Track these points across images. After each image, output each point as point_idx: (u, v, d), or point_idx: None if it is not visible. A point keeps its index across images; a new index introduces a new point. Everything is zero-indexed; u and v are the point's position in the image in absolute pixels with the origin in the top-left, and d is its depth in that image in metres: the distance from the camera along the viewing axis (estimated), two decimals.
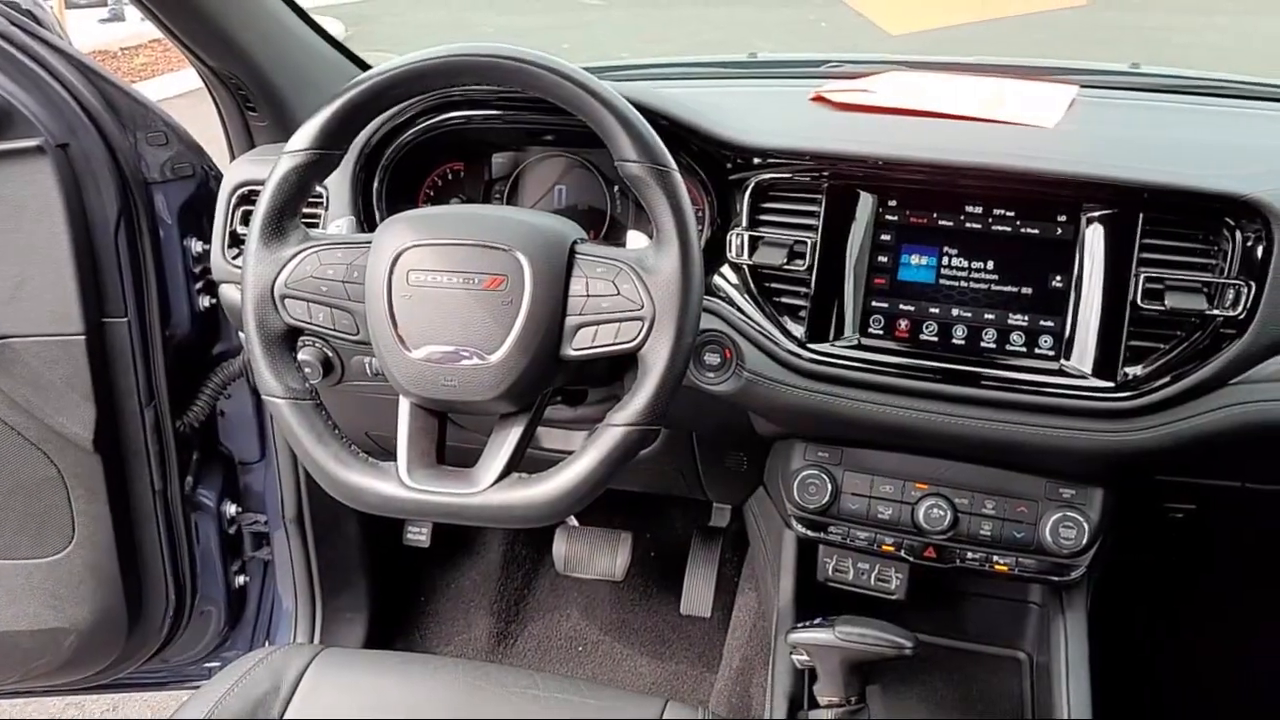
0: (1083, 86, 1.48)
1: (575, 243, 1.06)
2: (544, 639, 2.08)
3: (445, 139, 1.39)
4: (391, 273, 1.05)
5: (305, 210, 1.25)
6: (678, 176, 1.04)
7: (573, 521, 2.11)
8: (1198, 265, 1.16)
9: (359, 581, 1.96)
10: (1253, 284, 1.12)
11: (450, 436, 1.12)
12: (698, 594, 2.03)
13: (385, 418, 1.11)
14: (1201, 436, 1.15)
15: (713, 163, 1.29)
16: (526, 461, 1.07)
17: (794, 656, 1.19)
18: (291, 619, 1.88)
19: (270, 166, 1.08)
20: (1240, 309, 1.12)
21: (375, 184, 1.38)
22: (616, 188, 1.43)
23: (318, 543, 1.82)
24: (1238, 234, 1.14)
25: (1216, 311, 1.13)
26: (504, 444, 1.06)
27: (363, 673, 1.21)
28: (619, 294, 1.02)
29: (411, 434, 1.08)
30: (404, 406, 1.08)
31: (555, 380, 1.08)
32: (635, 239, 1.11)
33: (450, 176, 1.48)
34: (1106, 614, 1.40)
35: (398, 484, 1.05)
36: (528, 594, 2.15)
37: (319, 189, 1.35)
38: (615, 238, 1.42)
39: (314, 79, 1.48)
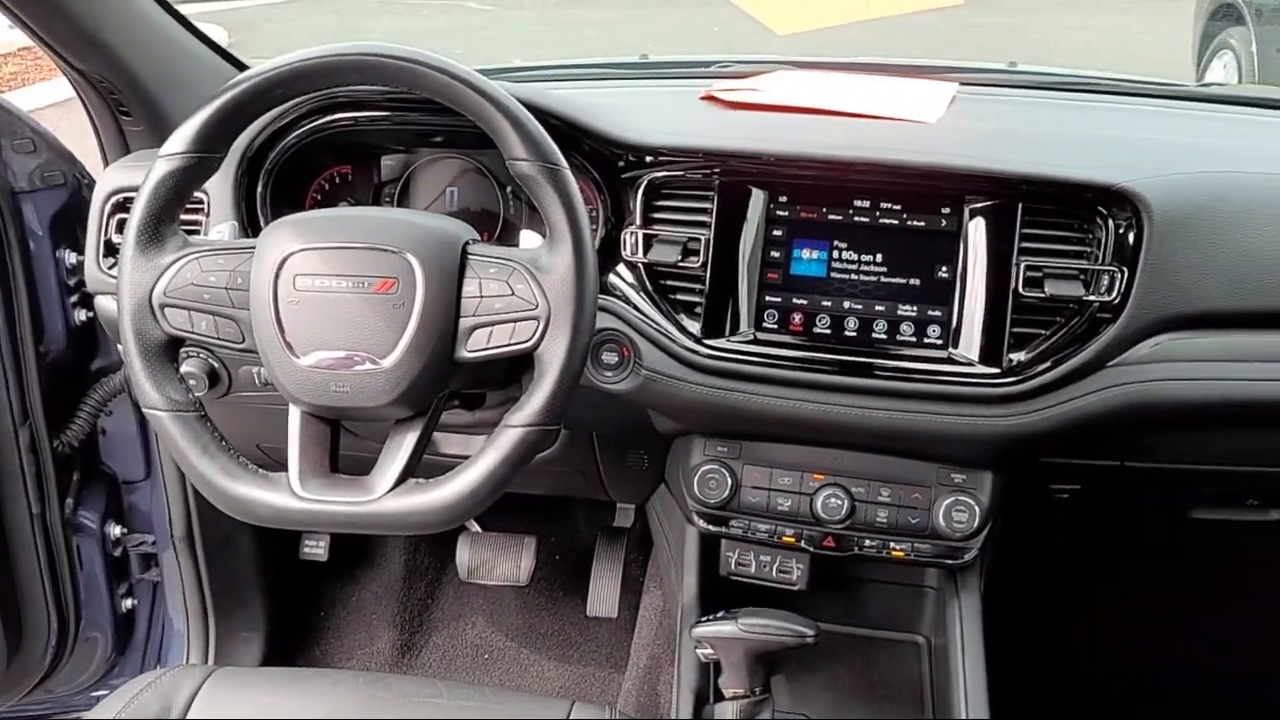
0: (962, 84, 1.52)
1: (467, 243, 1.05)
2: (449, 648, 2.05)
3: (332, 141, 1.36)
4: (277, 278, 1.02)
5: (185, 217, 1.21)
6: (569, 174, 1.04)
7: (475, 527, 2.08)
8: (1074, 253, 1.20)
9: (254, 599, 1.90)
10: (1125, 270, 1.17)
11: (344, 445, 1.10)
12: (603, 595, 2.02)
13: (277, 428, 1.08)
14: (1082, 418, 1.20)
15: (605, 162, 1.29)
16: (425, 468, 1.06)
17: (698, 651, 1.20)
18: (183, 641, 1.82)
19: (146, 172, 1.04)
20: (1114, 294, 1.17)
21: (259, 189, 1.35)
22: (509, 189, 1.42)
23: (209, 561, 1.77)
24: (1110, 222, 1.18)
25: (1092, 297, 1.17)
26: (399, 450, 1.05)
27: (259, 691, 1.17)
28: (513, 294, 1.02)
29: (303, 443, 1.05)
30: (294, 415, 1.06)
31: (451, 383, 1.07)
32: (528, 239, 1.11)
33: (338, 180, 1.45)
34: (1000, 596, 1.44)
35: (289, 495, 1.02)
36: (431, 603, 2.11)
37: (199, 194, 1.31)
38: (509, 239, 1.41)
39: (192, 83, 1.43)
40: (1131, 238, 1.17)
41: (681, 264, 1.25)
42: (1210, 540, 1.73)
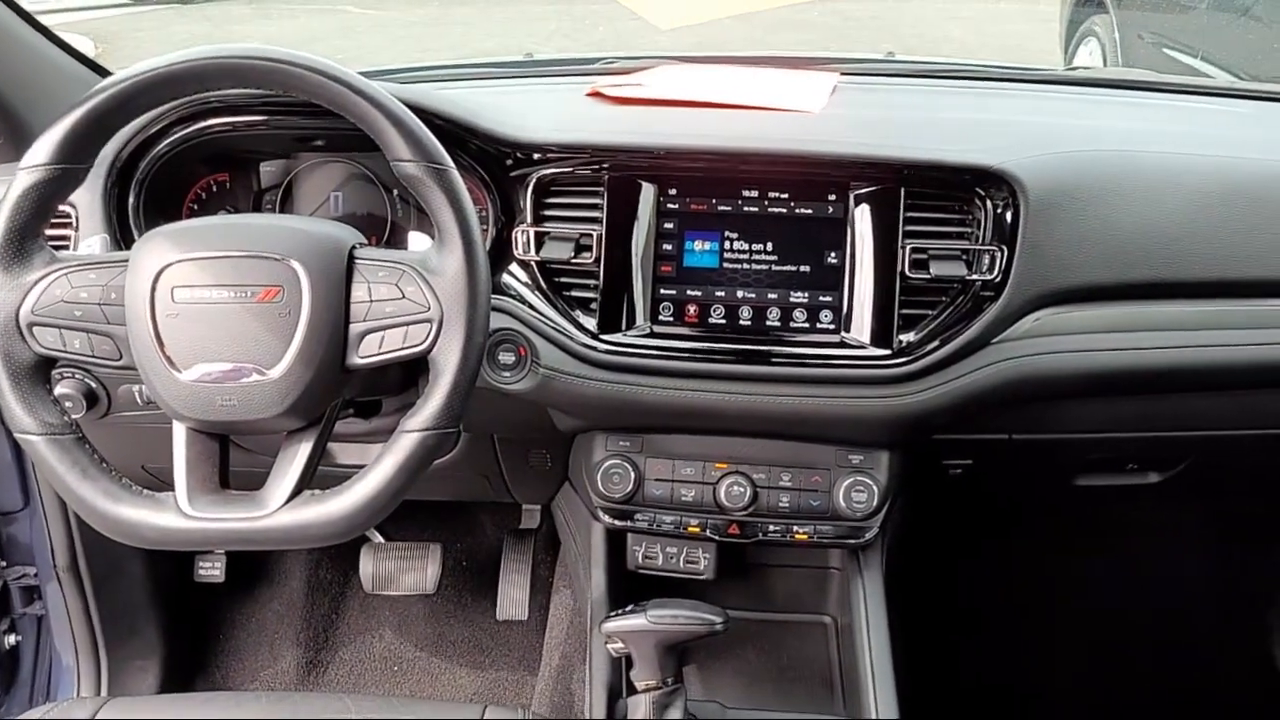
0: (842, 74, 1.55)
1: (354, 247, 1.03)
2: (357, 663, 2.01)
3: (207, 148, 1.32)
4: (154, 291, 0.98)
5: (52, 232, 1.15)
6: (455, 174, 1.02)
7: (378, 538, 2.05)
8: (956, 234, 1.23)
9: (147, 627, 1.84)
10: (1005, 248, 1.21)
11: (235, 461, 1.06)
12: (513, 598, 2.01)
13: (163, 448, 1.04)
14: (971, 394, 1.23)
15: (492, 161, 1.28)
16: (322, 479, 1.03)
17: (609, 646, 1.19)
18: (73, 675, 1.74)
19: (6, 186, 0.99)
20: (996, 273, 1.21)
21: (131, 200, 1.29)
22: (395, 192, 1.39)
23: (97, 590, 1.70)
24: (988, 203, 1.22)
25: (975, 276, 1.21)
26: (293, 461, 1.02)
27: (156, 718, 1.13)
28: (404, 297, 1.00)
29: (190, 460, 1.02)
30: (179, 432, 1.02)
31: (344, 391, 1.05)
32: (417, 240, 1.09)
33: (215, 189, 1.41)
34: (902, 573, 1.47)
35: (177, 514, 0.99)
36: (336, 618, 2.07)
37: (66, 207, 1.25)
38: (398, 243, 1.38)
39: (55, 94, 1.36)
40: (1009, 217, 1.21)
41: (574, 260, 1.24)
42: (1096, 506, 1.80)
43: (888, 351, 1.22)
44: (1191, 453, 1.50)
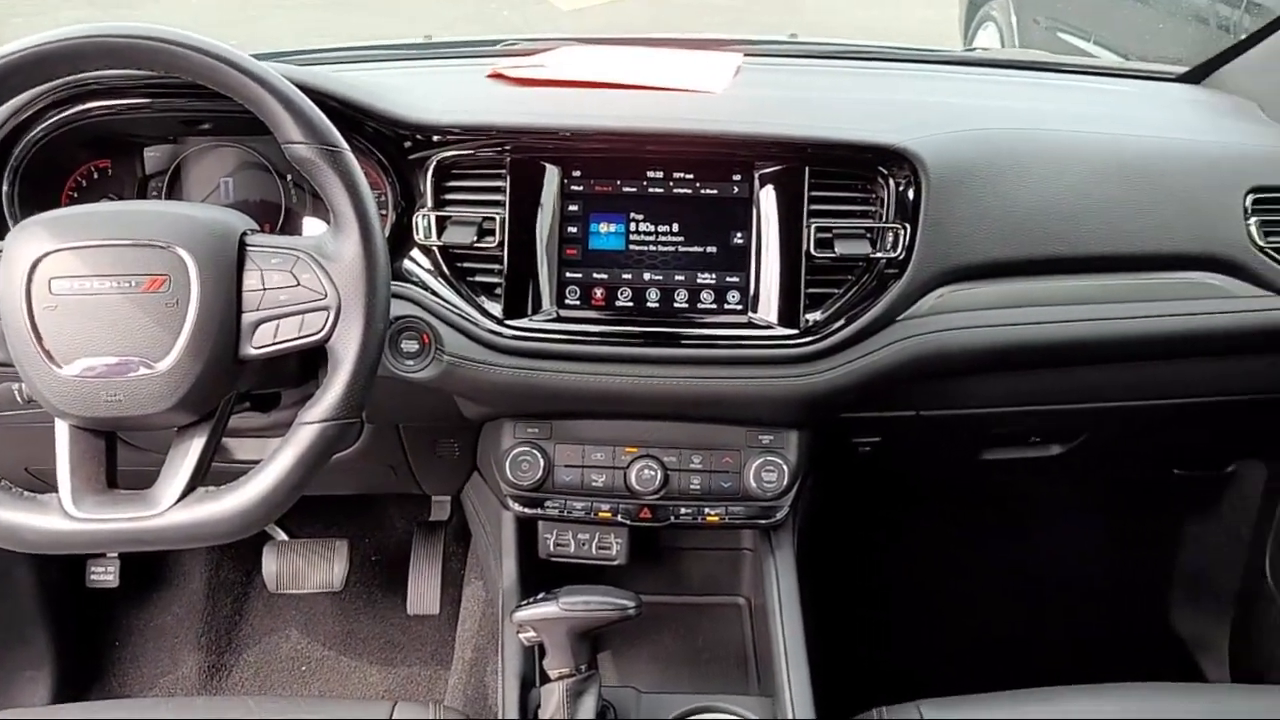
0: (746, 55, 1.55)
1: (245, 234, 1.00)
2: (263, 664, 1.96)
3: (86, 133, 1.25)
4: (29, 283, 0.94)
5: None
6: (350, 156, 0.99)
7: (281, 535, 1.99)
8: (860, 213, 1.24)
9: (36, 636, 1.76)
10: (907, 226, 1.22)
11: (124, 459, 1.02)
12: (424, 592, 1.98)
13: (48, 448, 0.99)
14: (877, 371, 1.24)
15: (390, 143, 1.25)
16: (219, 477, 0.99)
17: (521, 635, 1.18)
18: None
19: None
20: (899, 250, 1.22)
21: (5, 188, 1.23)
22: (289, 177, 1.35)
23: None
24: (891, 181, 1.23)
25: (879, 254, 1.22)
26: (185, 458, 0.98)
27: None
28: (299, 284, 0.97)
29: (74, 460, 0.97)
30: (61, 430, 0.98)
31: (238, 384, 1.01)
32: (312, 226, 1.06)
33: (96, 176, 1.34)
34: (814, 552, 1.48)
35: (61, 516, 0.94)
36: (239, 620, 2.01)
37: None
38: (292, 230, 1.34)
39: None
40: (911, 195, 1.22)
41: (478, 245, 1.22)
42: (1001, 479, 1.84)
43: (795, 331, 1.22)
44: (1090, 424, 1.54)
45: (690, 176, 1.23)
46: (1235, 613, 1.83)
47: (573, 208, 1.24)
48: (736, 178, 1.23)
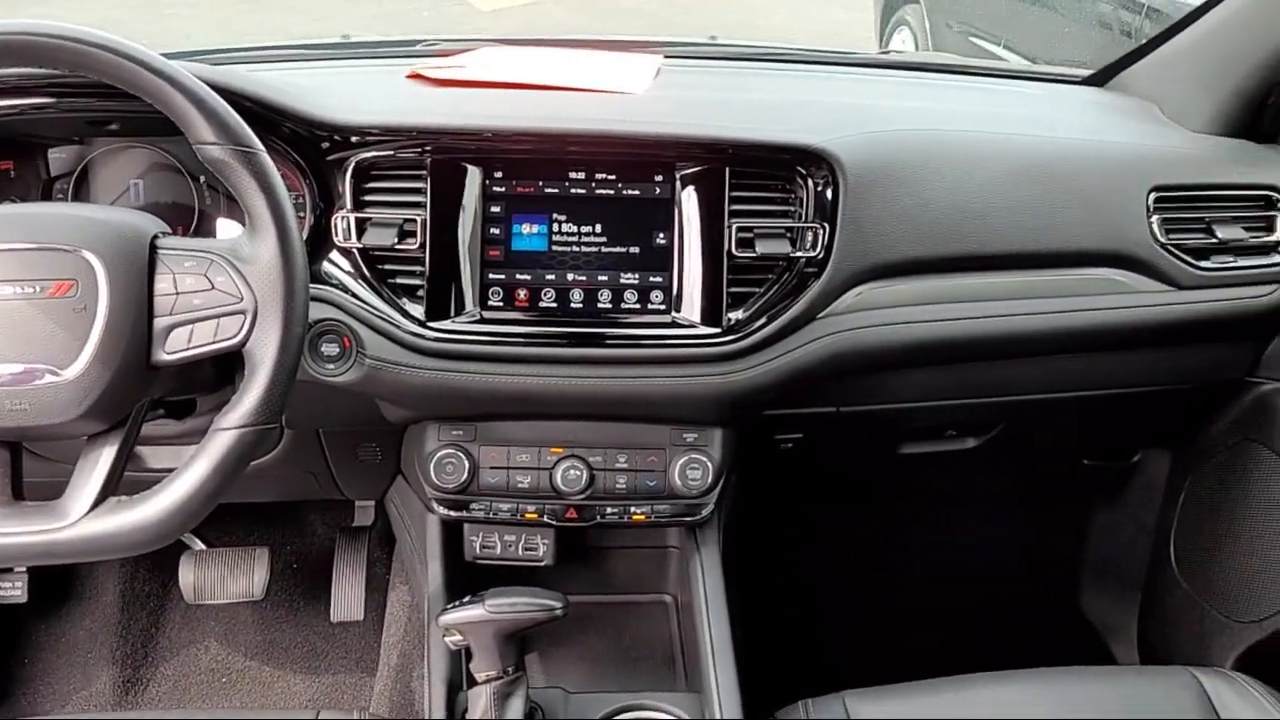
0: (666, 56, 1.56)
1: (156, 237, 0.97)
2: (181, 677, 1.91)
3: None
4: None
5: None
6: (265, 157, 0.98)
7: (198, 544, 1.94)
8: (780, 213, 1.26)
9: None
10: (826, 225, 1.24)
11: (31, 471, 0.99)
12: (348, 598, 1.95)
13: None
14: (799, 369, 1.26)
15: (307, 144, 1.23)
16: (133, 486, 0.97)
17: (447, 639, 1.17)
18: None
19: None
20: (818, 249, 1.24)
21: None
22: (203, 179, 1.32)
23: None
24: (809, 181, 1.25)
25: (799, 253, 1.23)
26: (95, 467, 0.95)
27: None
28: (213, 288, 0.95)
29: None
30: None
31: (151, 390, 0.99)
32: (226, 228, 1.03)
33: None
34: (739, 549, 1.50)
35: None
36: (156, 632, 1.96)
37: None
38: (206, 233, 1.31)
39: None
40: (830, 195, 1.24)
41: (399, 247, 1.21)
42: (920, 474, 1.88)
43: (717, 330, 1.23)
44: (1004, 417, 1.58)
45: (612, 177, 1.24)
46: (1143, 597, 1.89)
47: (495, 209, 1.23)
48: (658, 178, 1.24)
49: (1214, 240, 1.40)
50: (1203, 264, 1.39)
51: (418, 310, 1.22)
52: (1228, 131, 1.50)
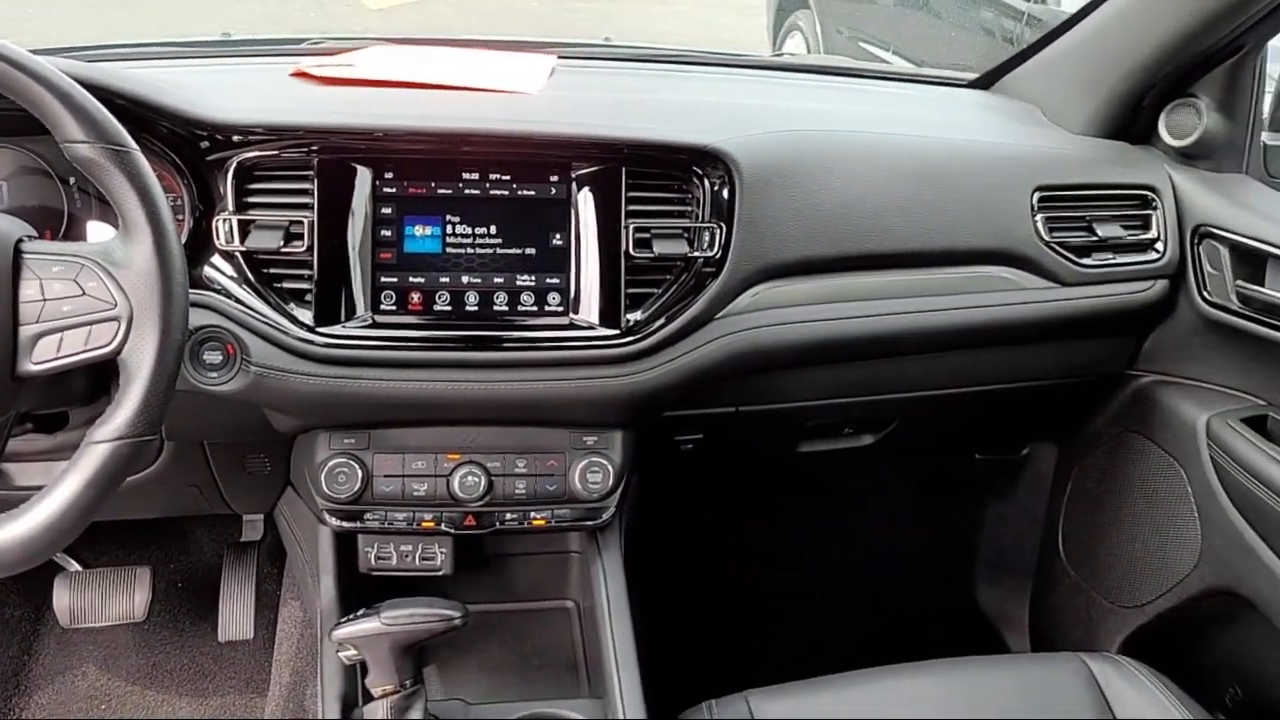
0: (560, 57, 1.55)
1: (20, 241, 0.92)
2: (57, 705, 1.81)
3: None
4: None
5: None
6: (139, 156, 0.93)
7: (74, 565, 1.85)
8: (677, 213, 1.25)
9: None
10: (723, 225, 1.24)
11: None
12: (236, 616, 1.87)
13: None
14: (698, 369, 1.26)
15: (185, 144, 1.18)
16: (1, 505, 0.91)
17: (341, 654, 1.13)
18: None
19: None
20: (716, 249, 1.24)
21: None
22: (72, 181, 1.25)
23: None
24: (706, 182, 1.25)
25: (697, 254, 1.23)
26: None
27: None
28: (84, 294, 0.91)
29: None
30: None
31: (18, 403, 0.93)
32: (98, 231, 0.98)
33: None
34: (641, 552, 1.49)
35: None
36: (28, 660, 1.86)
37: None
38: (76, 237, 1.25)
39: None
40: (726, 195, 1.24)
41: (284, 250, 1.17)
42: (818, 471, 1.90)
43: (616, 331, 1.22)
44: (898, 414, 1.61)
45: (507, 178, 1.22)
46: (1033, 586, 1.94)
47: (385, 210, 1.20)
48: (554, 179, 1.22)
49: (1094, 238, 1.44)
50: (1084, 261, 1.43)
51: (306, 315, 1.18)
52: (1106, 133, 1.55)
